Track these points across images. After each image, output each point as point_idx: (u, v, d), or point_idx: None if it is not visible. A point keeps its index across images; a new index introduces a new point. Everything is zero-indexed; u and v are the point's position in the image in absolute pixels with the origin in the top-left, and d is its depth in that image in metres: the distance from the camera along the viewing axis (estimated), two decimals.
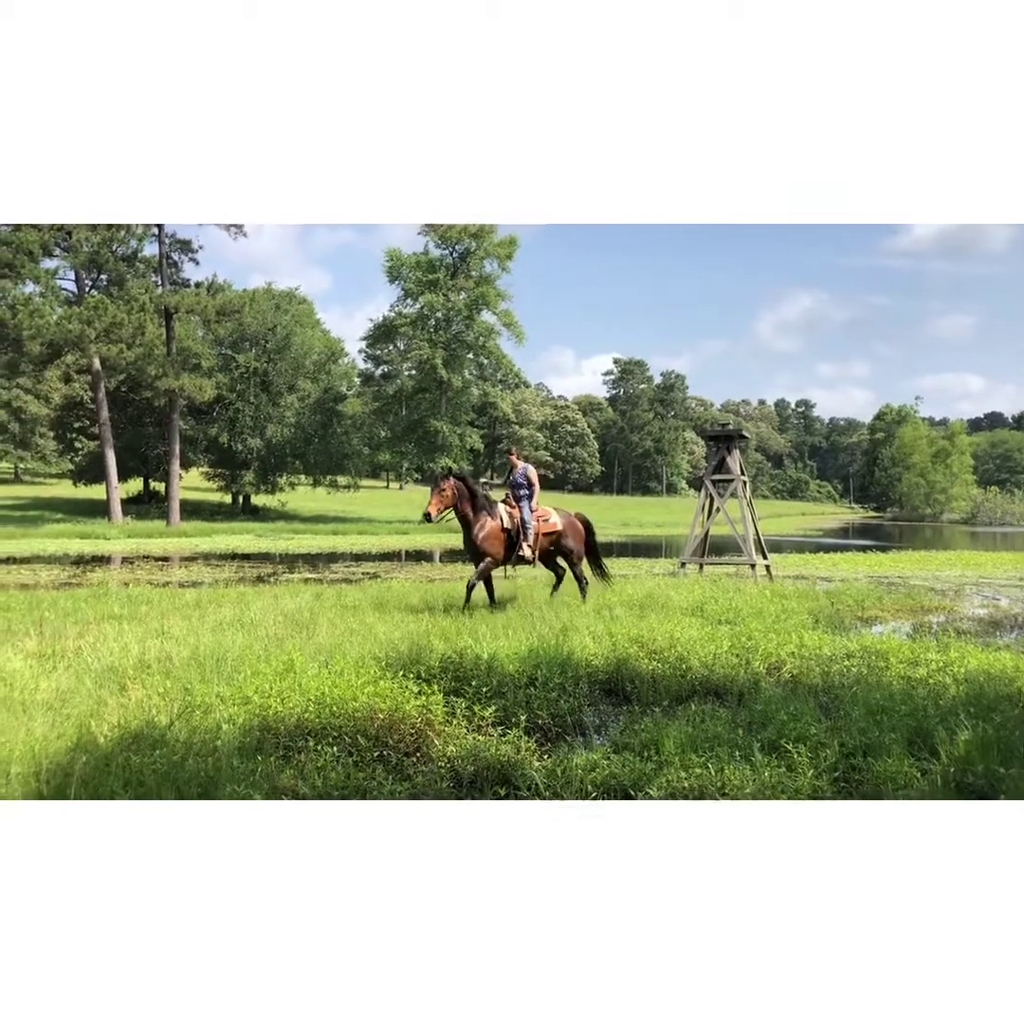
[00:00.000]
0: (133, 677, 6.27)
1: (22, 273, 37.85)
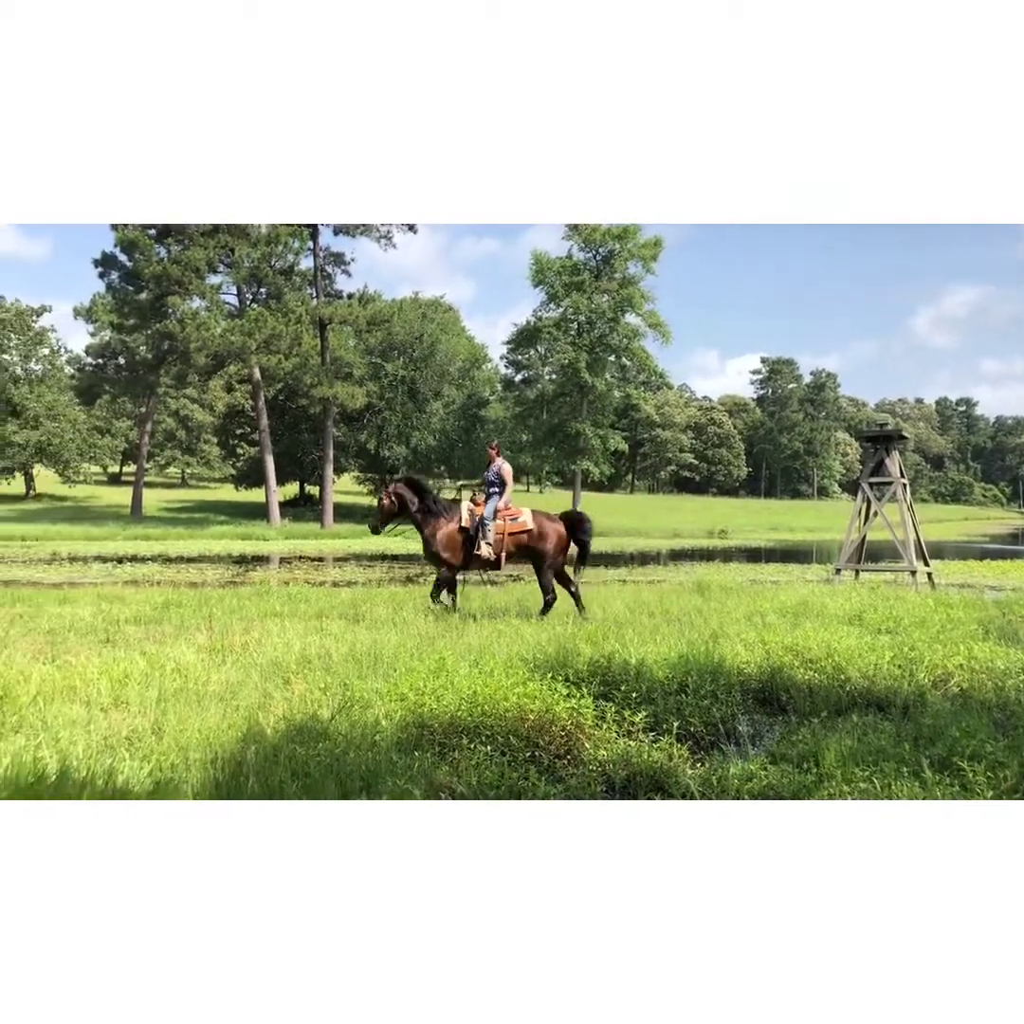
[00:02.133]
0: (296, 672, 6.56)
1: (190, 289, 40.49)
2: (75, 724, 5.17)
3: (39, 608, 10.62)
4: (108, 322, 47.44)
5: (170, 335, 39.69)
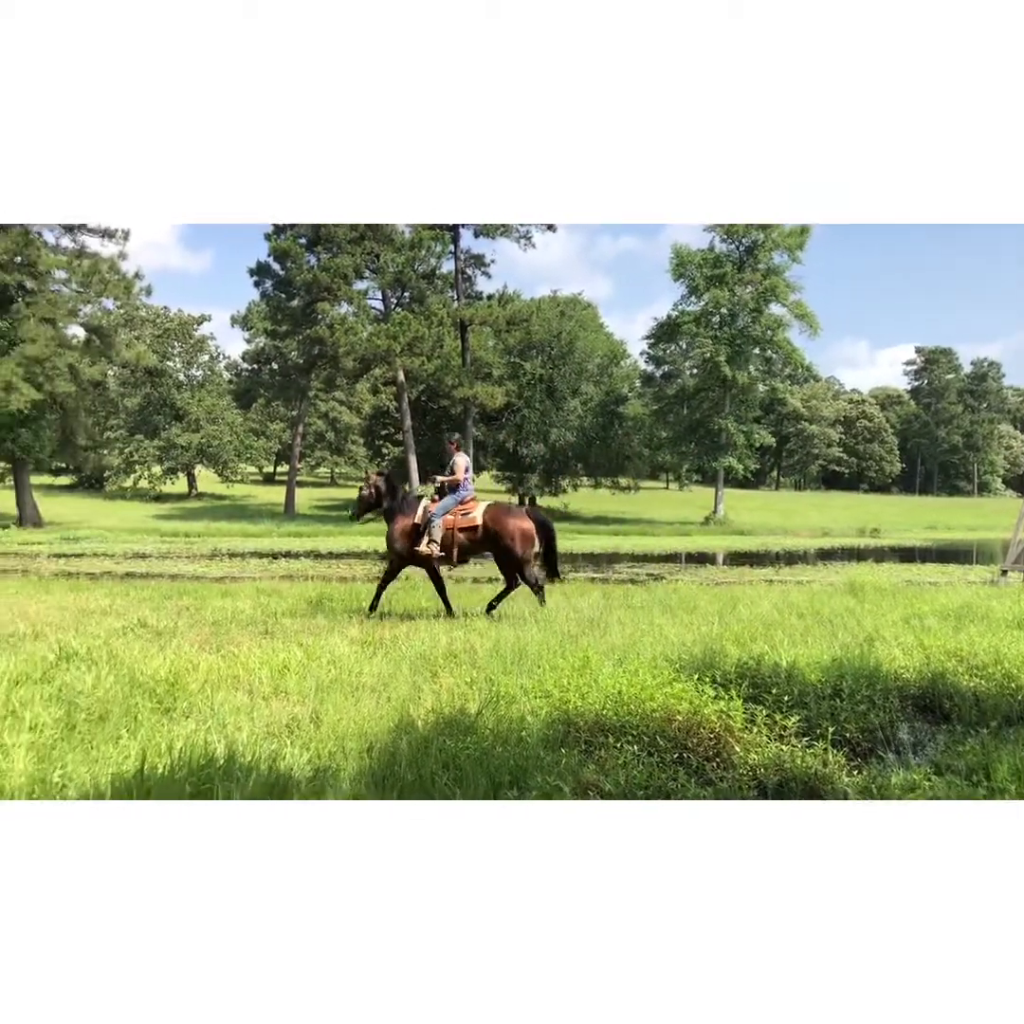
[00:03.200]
0: (443, 666, 6.72)
1: (338, 295, 42.08)
2: (239, 711, 5.47)
3: (203, 601, 11.28)
4: (262, 329, 49.92)
5: (320, 340, 41.39)
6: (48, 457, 41.00)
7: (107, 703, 5.49)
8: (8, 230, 34.76)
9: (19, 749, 4.55)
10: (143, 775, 4.04)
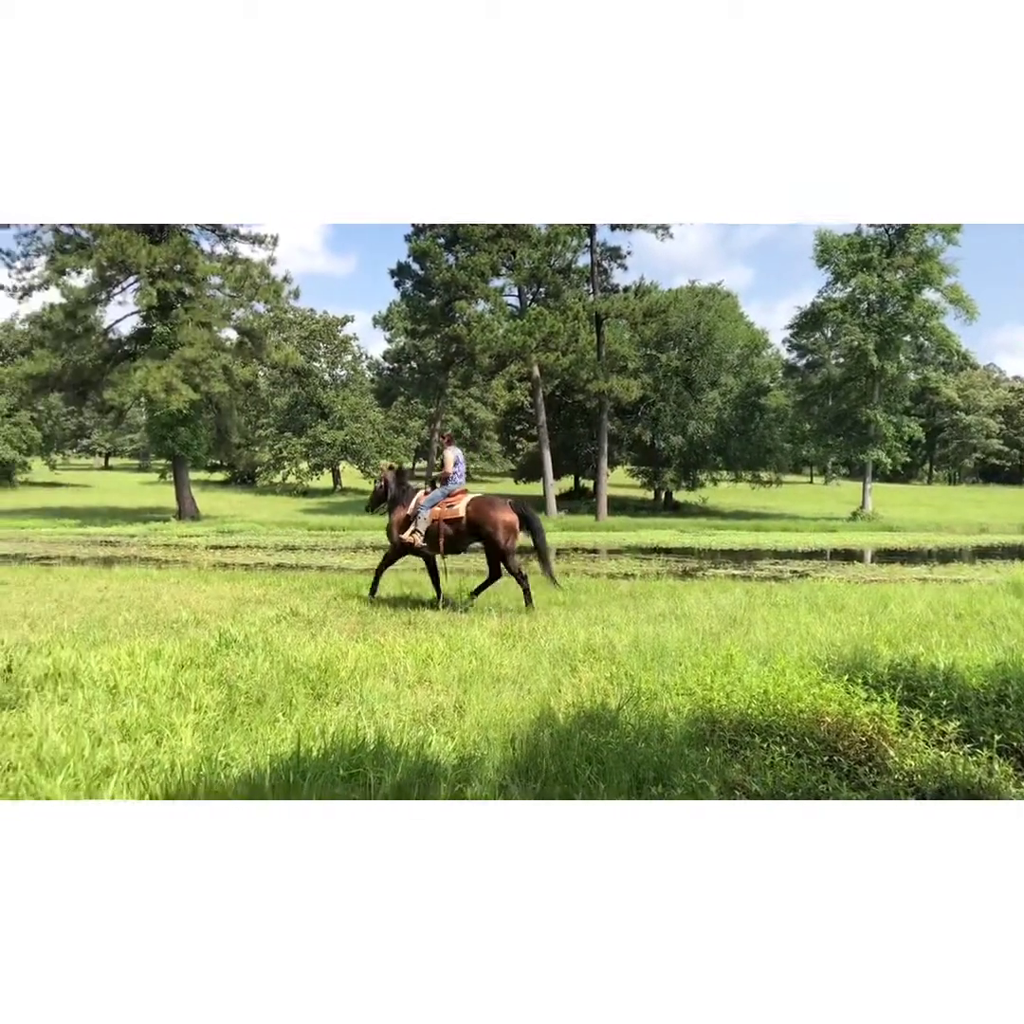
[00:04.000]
0: (582, 660, 6.72)
1: (475, 293, 42.68)
2: (387, 698, 5.64)
3: (345, 591, 11.69)
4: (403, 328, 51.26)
5: (457, 338, 42.14)
6: (204, 454, 43.42)
7: (264, 687, 5.78)
8: (169, 240, 36.98)
9: (186, 728, 4.85)
10: (299, 757, 4.23)
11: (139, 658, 6.54)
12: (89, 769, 4.15)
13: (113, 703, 5.42)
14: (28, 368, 37.08)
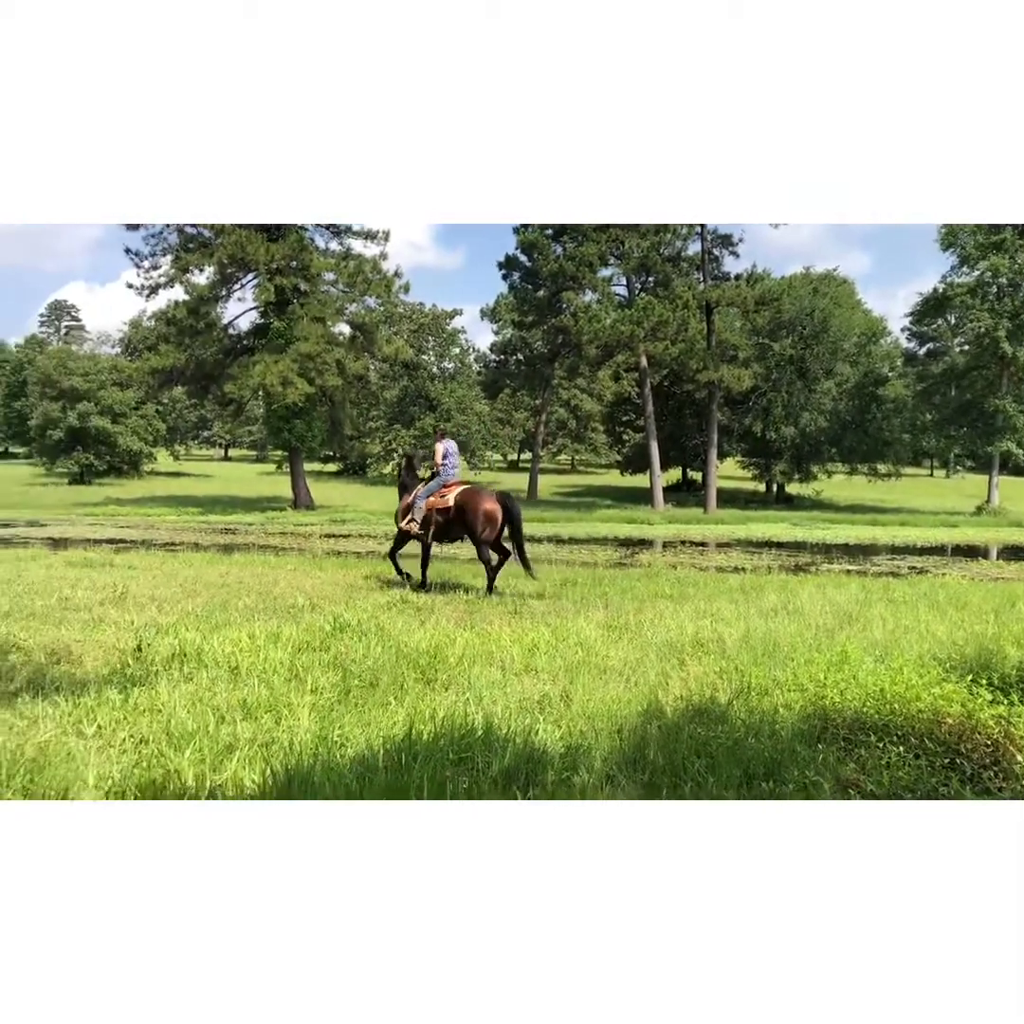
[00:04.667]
0: (691, 654, 6.65)
1: (583, 283, 42.54)
2: (494, 685, 5.71)
3: (457, 580, 11.86)
4: (510, 320, 51.51)
5: (564, 329, 42.09)
6: (318, 446, 44.69)
7: (377, 671, 5.94)
8: (286, 237, 38.17)
9: (303, 709, 5.03)
10: (411, 740, 4.33)
11: (259, 641, 6.82)
12: (214, 744, 4.36)
13: (235, 683, 5.67)
14: (154, 363, 38.90)
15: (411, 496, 11.49)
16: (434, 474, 11.63)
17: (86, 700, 5.16)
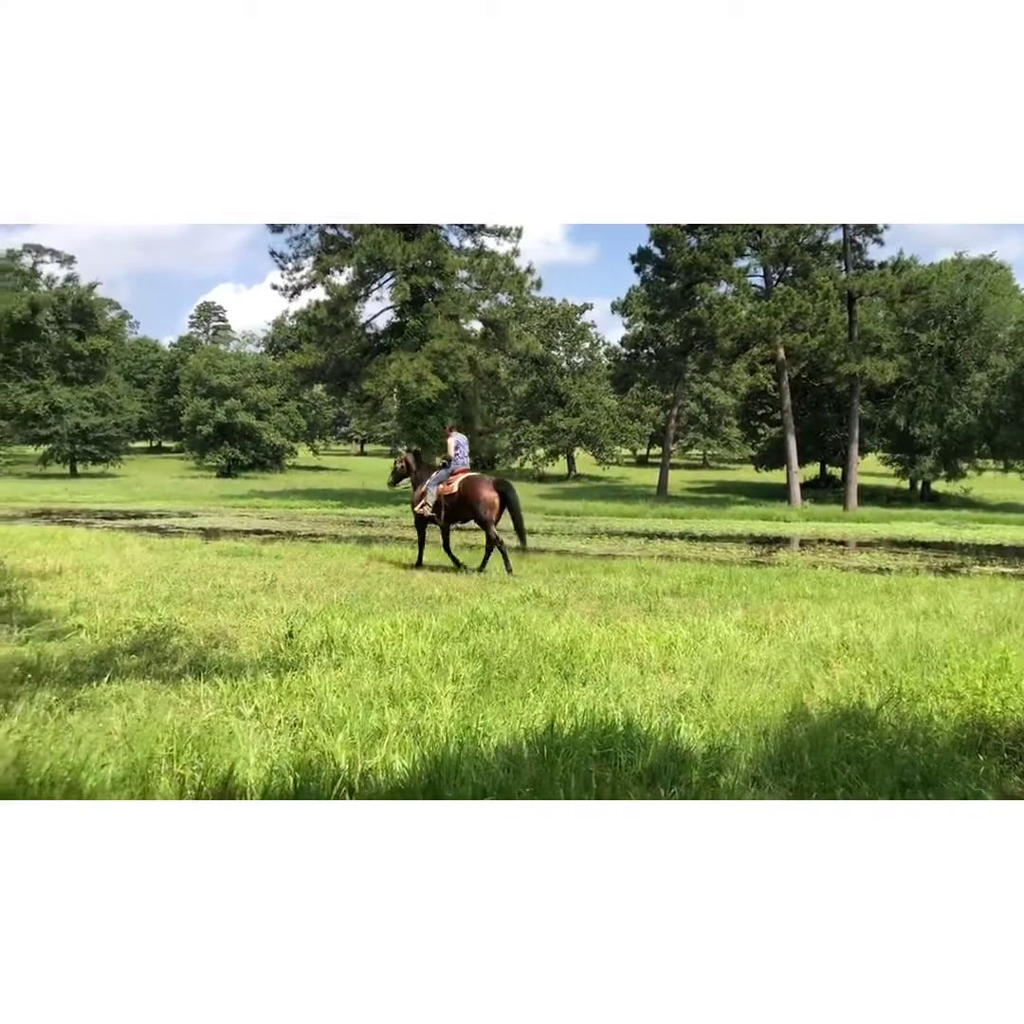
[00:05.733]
0: (836, 656, 6.43)
1: (718, 275, 41.64)
2: (632, 682, 5.69)
3: (588, 576, 11.87)
4: (641, 314, 50.93)
5: (698, 321, 41.33)
6: None
7: (515, 664, 6.01)
8: (421, 236, 39.00)
9: (446, 697, 5.15)
10: (552, 733, 4.37)
11: (401, 630, 7.02)
12: (363, 729, 4.52)
13: (380, 670, 5.86)
14: (297, 361, 40.54)
15: (424, 485, 13.17)
16: (444, 464, 13.15)
17: (243, 683, 5.45)
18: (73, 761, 3.85)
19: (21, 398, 60.46)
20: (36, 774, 3.69)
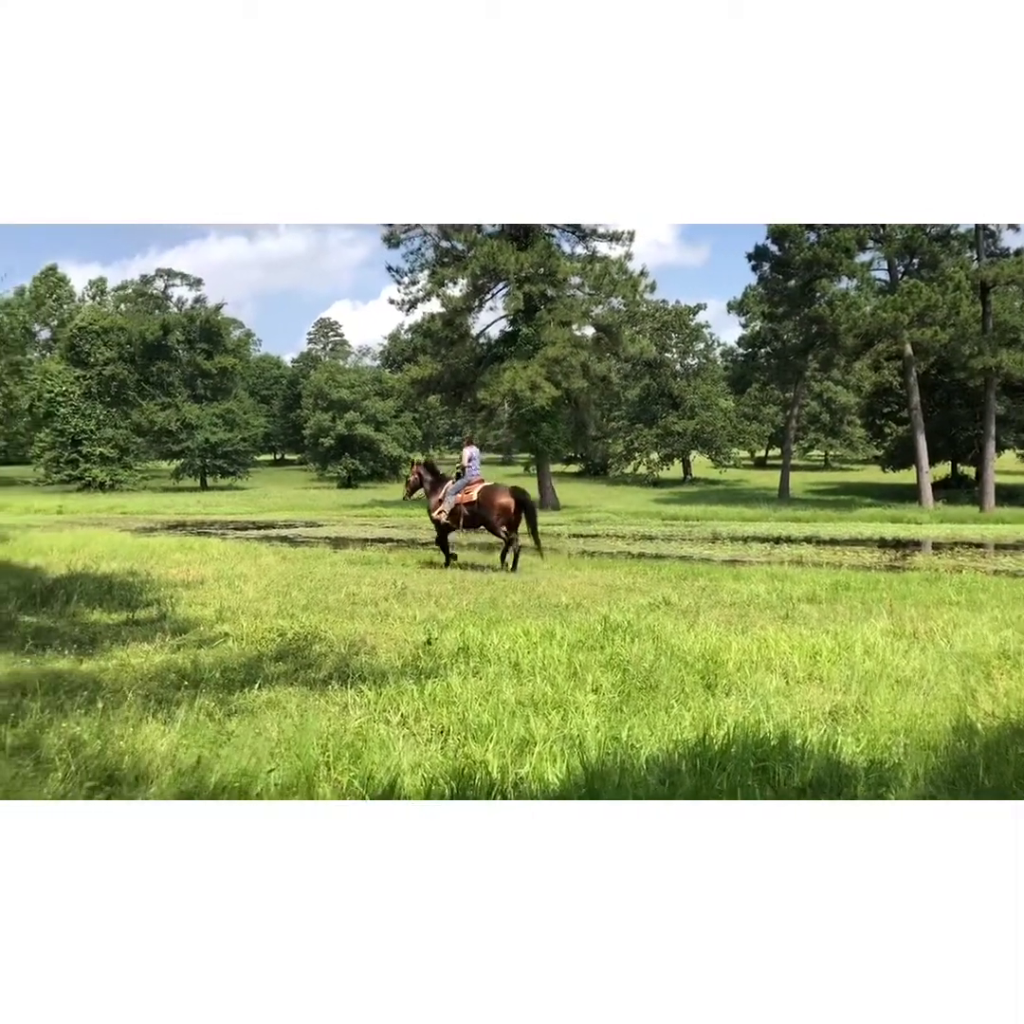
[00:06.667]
0: (998, 667, 6.06)
1: (839, 270, 40.27)
2: (779, 693, 5.50)
3: (717, 583, 11.60)
4: (759, 313, 49.79)
5: (819, 319, 40.06)
6: (563, 447, 45.48)
7: (654, 673, 5.91)
8: (534, 245, 39.18)
9: (589, 707, 5.10)
10: (705, 745, 4.26)
11: (534, 638, 7.01)
12: (509, 738, 4.51)
13: (518, 679, 5.86)
14: (414, 373, 41.37)
15: (440, 493, 14.15)
16: (458, 474, 14.31)
17: (387, 690, 5.53)
18: (242, 767, 3.98)
19: (155, 415, 63.96)
20: (210, 780, 3.82)
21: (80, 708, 4.96)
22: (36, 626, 7.83)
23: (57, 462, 60.59)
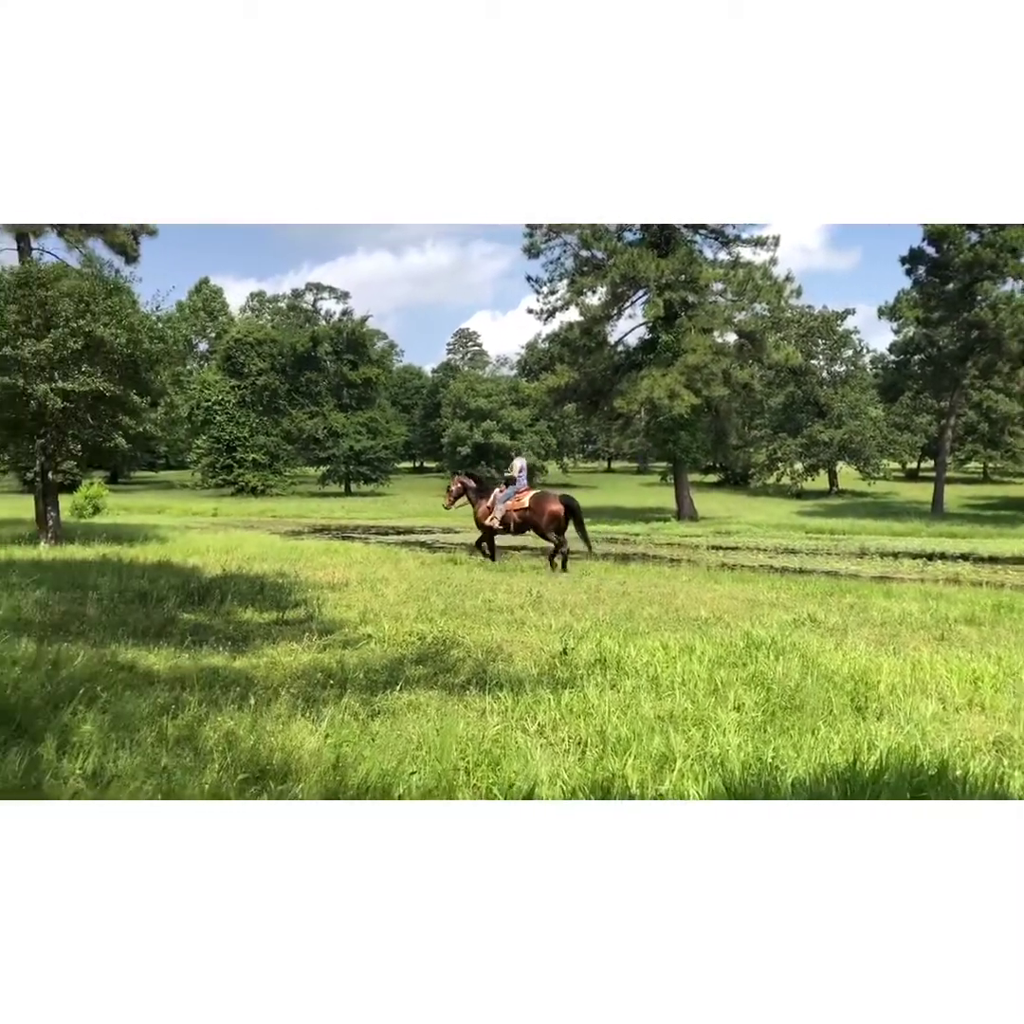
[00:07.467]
0: None
1: (1004, 272, 37.92)
2: (935, 719, 5.20)
3: (866, 600, 11.09)
4: (913, 318, 47.46)
5: (980, 323, 37.84)
6: (702, 457, 44.62)
7: (800, 693, 5.68)
8: (675, 251, 38.66)
9: (731, 725, 4.95)
10: (855, 771, 4.06)
11: (673, 652, 6.89)
12: (648, 753, 4.43)
13: (656, 693, 5.76)
14: (551, 382, 41.51)
15: (490, 500, 15.29)
16: (508, 483, 15.51)
17: (524, 698, 5.54)
18: (384, 767, 4.07)
19: (304, 423, 66.90)
20: (353, 779, 3.93)
21: (234, 703, 5.21)
22: (194, 623, 8.29)
23: (213, 467, 64.34)
